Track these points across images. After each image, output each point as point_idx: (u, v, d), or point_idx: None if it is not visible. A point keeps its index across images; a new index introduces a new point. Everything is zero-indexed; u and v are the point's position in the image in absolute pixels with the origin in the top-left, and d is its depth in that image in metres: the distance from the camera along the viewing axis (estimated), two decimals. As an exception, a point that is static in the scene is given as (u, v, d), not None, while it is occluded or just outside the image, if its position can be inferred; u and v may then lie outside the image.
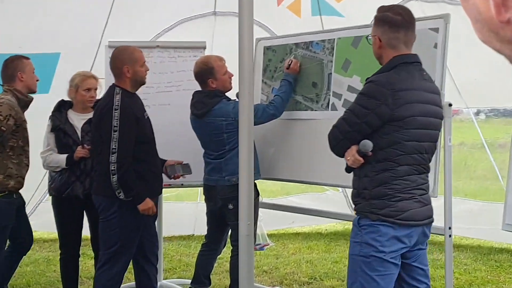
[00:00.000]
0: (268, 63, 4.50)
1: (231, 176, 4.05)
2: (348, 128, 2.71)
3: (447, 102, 3.36)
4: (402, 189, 2.67)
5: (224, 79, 4.10)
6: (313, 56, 4.17)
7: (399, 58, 2.73)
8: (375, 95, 2.64)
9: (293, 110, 4.24)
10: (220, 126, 4.04)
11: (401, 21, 2.72)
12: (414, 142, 2.68)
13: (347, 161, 2.75)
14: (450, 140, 3.36)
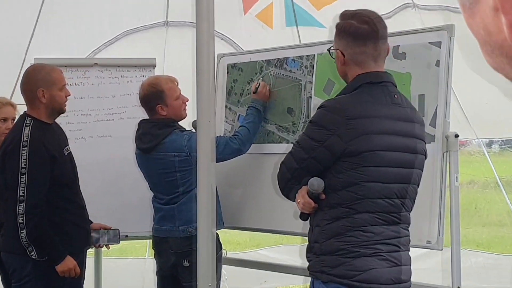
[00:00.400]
0: (233, 85, 4.49)
1: (186, 225, 4.00)
2: (295, 165, 2.67)
3: (453, 133, 3.39)
4: (361, 243, 2.56)
5: (176, 105, 4.08)
6: (289, 76, 4.18)
7: (363, 77, 2.67)
8: (325, 124, 2.60)
9: (264, 142, 4.23)
10: (172, 164, 4.00)
11: (369, 31, 2.65)
12: (377, 183, 2.58)
13: (298, 205, 2.71)
14: (457, 178, 3.37)
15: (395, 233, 2.63)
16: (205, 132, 2.99)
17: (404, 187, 2.66)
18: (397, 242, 2.64)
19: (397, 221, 2.64)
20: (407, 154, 2.66)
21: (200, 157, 2.99)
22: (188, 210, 3.98)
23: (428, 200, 3.44)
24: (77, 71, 4.80)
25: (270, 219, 4.15)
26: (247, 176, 4.31)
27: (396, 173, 2.63)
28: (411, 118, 2.73)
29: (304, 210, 2.68)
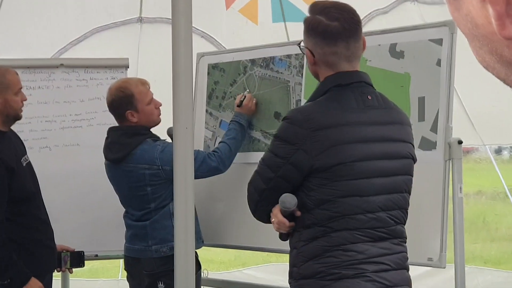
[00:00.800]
0: (214, 87, 4.50)
1: (159, 245, 4.00)
2: (262, 185, 2.66)
3: (456, 139, 3.41)
4: (342, 263, 2.53)
5: (148, 110, 4.08)
6: (276, 76, 4.19)
7: (331, 80, 2.64)
8: (289, 138, 2.58)
9: (248, 150, 4.23)
10: (142, 177, 3.99)
11: (339, 29, 2.60)
12: (353, 197, 2.56)
13: (273, 225, 2.70)
14: (461, 189, 3.39)
15: (384, 250, 2.59)
16: (182, 140, 2.99)
17: (389, 198, 2.62)
18: (387, 260, 2.59)
19: (385, 237, 2.60)
20: (387, 161, 2.62)
21: (177, 168, 2.99)
22: (161, 228, 3.98)
23: (429, 213, 3.45)
24: (41, 73, 4.79)
25: (257, 235, 4.15)
26: (230, 188, 4.31)
27: (377, 184, 2.60)
28: (389, 119, 2.69)
29: (281, 230, 2.67)
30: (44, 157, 4.67)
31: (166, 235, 3.96)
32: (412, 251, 3.43)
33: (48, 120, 4.76)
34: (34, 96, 4.73)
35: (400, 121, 2.73)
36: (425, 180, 3.45)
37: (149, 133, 4.08)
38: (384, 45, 3.71)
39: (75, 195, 4.71)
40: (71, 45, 6.26)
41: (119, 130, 4.12)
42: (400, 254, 2.66)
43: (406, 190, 2.72)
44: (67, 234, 4.67)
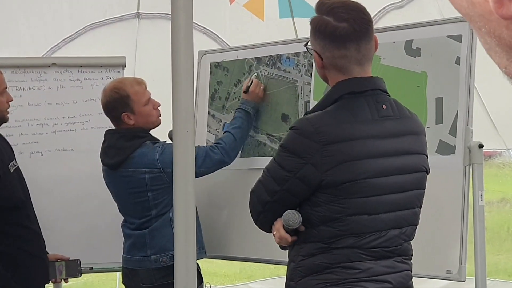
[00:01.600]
0: (217, 87, 4.51)
1: (159, 254, 4.00)
2: (267, 197, 2.66)
3: (477, 142, 3.40)
4: (341, 280, 2.55)
5: (146, 111, 4.09)
6: (283, 76, 4.19)
7: (343, 86, 2.62)
8: (297, 151, 2.57)
9: (253, 155, 4.24)
10: (142, 182, 4.01)
11: (349, 31, 2.58)
12: (362, 216, 2.56)
13: (274, 238, 2.71)
14: (482, 196, 3.39)
15: (387, 268, 2.60)
16: (183, 144, 3.00)
17: (399, 215, 2.63)
18: (390, 279, 2.60)
19: (389, 255, 2.61)
20: (400, 177, 2.62)
21: (177, 173, 3.00)
22: (161, 236, 3.99)
23: (448, 222, 3.45)
24: (32, 72, 4.80)
25: (264, 246, 4.14)
26: (234, 195, 4.31)
27: (388, 201, 2.60)
28: (404, 130, 2.68)
29: (282, 244, 2.69)
30: (35, 163, 4.68)
31: (165, 244, 3.96)
32: (429, 263, 3.43)
33: (40, 123, 4.77)
34: (25, 98, 4.75)
35: (415, 131, 2.72)
36: (443, 187, 3.45)
37: (148, 136, 4.09)
38: (399, 42, 3.71)
39: (69, 203, 4.72)
40: (64, 42, 6.26)
41: (116, 133, 4.13)
42: (403, 272, 2.66)
43: (418, 205, 2.71)
44: (60, 244, 4.67)
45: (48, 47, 6.21)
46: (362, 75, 2.64)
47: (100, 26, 6.32)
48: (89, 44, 6.21)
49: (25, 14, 6.07)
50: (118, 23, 6.35)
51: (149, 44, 6.20)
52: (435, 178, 2.85)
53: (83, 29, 6.30)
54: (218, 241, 4.38)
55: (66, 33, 6.26)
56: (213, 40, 6.25)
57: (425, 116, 3.55)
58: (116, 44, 6.17)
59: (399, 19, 5.55)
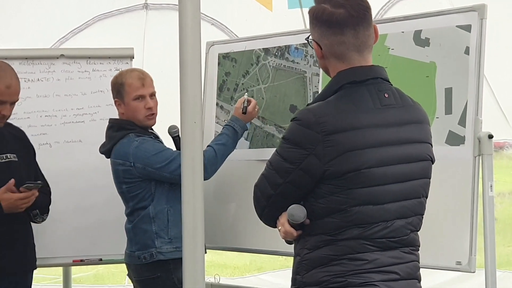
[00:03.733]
0: (225, 78, 4.51)
1: (141, 251, 4.09)
2: (270, 190, 2.65)
3: (486, 133, 3.39)
4: (348, 272, 2.53)
5: (133, 106, 4.12)
6: (291, 67, 4.19)
7: (344, 76, 2.60)
8: (299, 142, 2.54)
9: (262, 146, 4.24)
10: (118, 173, 4.12)
11: (345, 16, 2.56)
12: (367, 206, 2.54)
13: (280, 233, 2.71)
14: (492, 187, 3.38)
15: (394, 259, 2.58)
16: (190, 135, 2.98)
17: (405, 205, 2.60)
18: (397, 270, 2.58)
19: (396, 246, 2.59)
20: (404, 165, 2.59)
21: (185, 166, 2.98)
22: (142, 233, 4.07)
23: (457, 214, 3.44)
24: (40, 64, 4.81)
25: (273, 238, 4.13)
26: (243, 187, 4.31)
27: (393, 190, 2.57)
28: (407, 119, 2.65)
29: (287, 238, 2.68)
30: (44, 155, 4.68)
31: (146, 241, 4.04)
32: (439, 254, 3.43)
33: (48, 115, 4.78)
34: (33, 89, 4.76)
35: (418, 120, 2.69)
36: (452, 178, 3.44)
37: (135, 129, 4.12)
38: (408, 32, 3.70)
39: (78, 195, 4.73)
40: (72, 34, 6.28)
41: (110, 122, 4.23)
42: (411, 263, 2.63)
43: (424, 195, 2.69)
44: (69, 236, 4.69)
45: (56, 39, 6.22)
46: (362, 63, 2.61)
47: (108, 17, 6.33)
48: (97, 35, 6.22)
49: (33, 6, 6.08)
50: (126, 14, 6.36)
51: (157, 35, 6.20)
52: (444, 169, 2.84)
53: (91, 20, 6.31)
54: (228, 233, 4.39)
55: (74, 25, 6.27)
56: (221, 31, 6.25)
57: (434, 106, 3.54)
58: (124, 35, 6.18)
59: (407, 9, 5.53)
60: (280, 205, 2.63)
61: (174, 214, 4.02)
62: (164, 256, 4.01)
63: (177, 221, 3.94)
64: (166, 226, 4.04)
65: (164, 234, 4.04)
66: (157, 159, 3.98)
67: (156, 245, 4.03)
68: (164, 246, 4.02)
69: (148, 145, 4.03)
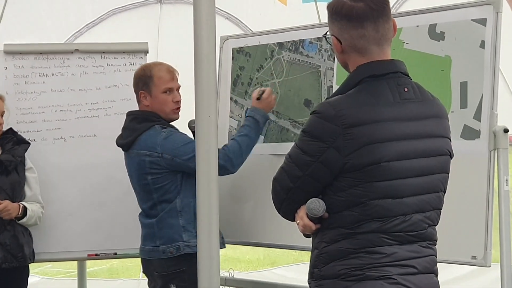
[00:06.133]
0: (239, 73, 4.50)
1: (167, 245, 4.05)
2: (289, 183, 2.64)
3: (502, 127, 3.38)
4: (366, 265, 2.54)
5: (162, 98, 4.10)
6: (306, 61, 4.18)
7: (364, 69, 2.61)
8: (319, 135, 2.55)
9: (277, 141, 4.23)
10: (142, 164, 4.05)
11: (365, 9, 2.58)
12: (386, 200, 2.55)
13: (298, 226, 2.71)
14: (507, 181, 3.37)
15: (412, 253, 2.58)
16: (205, 130, 2.98)
17: (423, 199, 2.60)
18: (415, 264, 2.58)
19: (414, 240, 2.59)
20: (423, 159, 2.59)
21: (199, 160, 2.99)
22: (168, 227, 4.03)
23: (473, 208, 3.43)
24: (55, 59, 4.81)
25: (287, 232, 4.14)
26: (257, 182, 4.32)
27: (412, 184, 2.57)
28: (426, 113, 2.65)
29: (306, 232, 2.68)
30: (59, 149, 4.71)
31: (173, 235, 4.01)
32: (454, 249, 3.41)
33: (63, 110, 4.79)
34: (48, 84, 4.77)
35: (437, 115, 2.69)
36: (468, 172, 3.43)
37: (160, 120, 4.10)
38: (423, 26, 3.69)
39: (92, 189, 4.74)
40: (87, 28, 6.29)
41: (131, 115, 4.18)
42: (428, 257, 2.63)
43: (442, 189, 2.69)
44: (83, 230, 4.71)
45: (71, 33, 6.23)
46: (381, 57, 2.62)
47: (122, 12, 6.34)
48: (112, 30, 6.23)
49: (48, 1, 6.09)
50: (140, 8, 6.36)
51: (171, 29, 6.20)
52: (459, 163, 2.83)
53: (106, 14, 6.32)
54: (242, 227, 4.39)
55: (88, 19, 6.28)
56: (236, 25, 6.25)
57: (449, 100, 3.53)
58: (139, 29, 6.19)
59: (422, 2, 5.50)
60: (299, 198, 2.63)
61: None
62: (192, 250, 3.94)
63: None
64: (193, 220, 3.96)
65: (191, 227, 4.00)
66: (186, 150, 3.94)
67: (183, 238, 4.01)
68: (192, 240, 3.97)
69: (176, 137, 4.01)
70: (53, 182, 4.68)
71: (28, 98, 4.74)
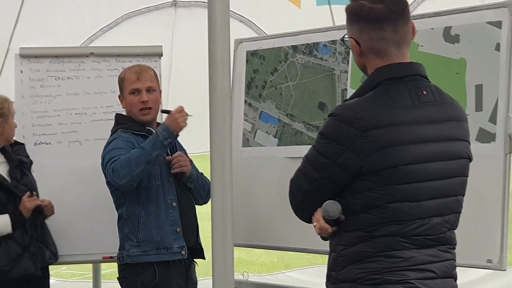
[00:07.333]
0: (253, 76, 4.50)
1: (118, 251, 4.11)
2: (306, 185, 2.63)
3: (517, 129, 3.37)
4: (384, 269, 2.52)
5: (129, 100, 4.08)
6: (320, 64, 4.17)
7: (382, 72, 2.59)
8: (337, 137, 2.53)
9: (291, 144, 4.23)
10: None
11: (385, 11, 2.56)
12: (403, 203, 2.53)
13: (315, 229, 2.70)
14: (523, 185, 3.35)
15: (430, 257, 2.55)
16: (220, 133, 2.98)
17: (442, 202, 2.58)
18: (434, 268, 2.56)
19: (433, 244, 2.57)
20: (442, 163, 2.57)
21: (214, 163, 2.98)
22: (120, 233, 4.12)
23: (488, 211, 3.41)
24: (70, 62, 4.83)
25: (301, 235, 4.14)
26: (271, 184, 4.31)
27: (431, 188, 2.55)
28: (445, 116, 2.63)
29: (322, 234, 2.67)
30: (74, 152, 4.73)
31: (122, 242, 4.09)
32: (469, 252, 3.39)
33: (78, 113, 4.81)
34: (63, 87, 4.79)
35: (456, 117, 2.67)
36: (483, 175, 3.40)
37: (127, 123, 4.07)
38: (438, 28, 3.67)
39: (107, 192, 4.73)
40: (102, 32, 6.30)
41: None
42: (447, 261, 2.61)
43: (461, 193, 2.67)
44: (98, 233, 4.71)
45: (86, 37, 6.24)
46: (400, 59, 2.61)
47: (137, 15, 6.34)
48: (126, 33, 6.23)
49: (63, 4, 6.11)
50: (155, 11, 6.37)
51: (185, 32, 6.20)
52: (475, 166, 2.80)
53: (120, 18, 6.32)
54: (256, 230, 4.38)
55: (103, 23, 6.29)
56: (250, 28, 6.24)
57: (464, 103, 3.50)
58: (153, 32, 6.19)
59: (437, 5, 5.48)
60: (316, 201, 2.61)
61: (145, 217, 4.00)
62: (131, 260, 4.01)
63: (148, 224, 3.97)
64: (136, 229, 4.00)
65: (133, 236, 4.01)
66: (107, 156, 3.97)
67: (126, 247, 4.04)
68: (132, 250, 4.01)
69: (114, 142, 4.01)
70: (68, 185, 4.70)
71: (43, 102, 4.76)
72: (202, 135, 4.09)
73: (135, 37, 6.00)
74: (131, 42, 5.50)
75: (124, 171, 3.84)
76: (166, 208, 3.98)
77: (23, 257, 4.26)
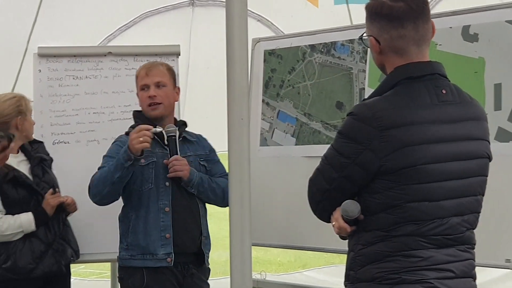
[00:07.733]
0: (271, 75, 4.50)
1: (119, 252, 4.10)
2: (325, 185, 2.63)
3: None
4: (402, 269, 2.52)
5: (140, 97, 4.09)
6: (337, 63, 4.17)
7: (401, 71, 2.59)
8: (356, 136, 2.53)
9: (308, 143, 4.22)
10: None
11: (406, 9, 2.57)
12: (422, 203, 2.52)
13: (333, 228, 2.69)
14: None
15: (449, 257, 2.55)
16: (237, 132, 2.97)
17: (461, 202, 2.57)
18: (453, 268, 2.55)
19: (452, 243, 2.56)
20: (461, 162, 2.56)
21: (232, 162, 2.98)
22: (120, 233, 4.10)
23: (507, 211, 3.40)
24: (88, 61, 4.84)
25: (318, 235, 4.14)
26: (289, 183, 4.31)
27: (449, 187, 2.54)
28: (464, 115, 2.62)
29: (341, 234, 2.67)
30: (92, 151, 4.72)
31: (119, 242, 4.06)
32: (488, 252, 3.38)
33: (96, 112, 4.82)
34: (81, 87, 4.80)
35: (476, 117, 2.66)
36: (502, 175, 3.39)
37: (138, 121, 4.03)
38: (456, 27, 3.66)
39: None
40: (120, 31, 6.32)
41: None
42: (466, 261, 2.60)
43: (480, 193, 2.66)
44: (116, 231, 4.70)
45: (104, 36, 6.26)
46: (420, 58, 2.60)
47: (155, 15, 6.36)
48: (144, 33, 6.25)
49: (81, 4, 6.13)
50: (172, 11, 6.38)
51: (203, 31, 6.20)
52: (493, 165, 2.78)
53: (138, 17, 6.34)
54: (273, 230, 4.38)
55: (121, 22, 6.31)
56: (267, 27, 6.24)
57: (483, 102, 3.49)
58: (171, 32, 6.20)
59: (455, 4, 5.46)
60: (334, 200, 2.61)
61: (135, 220, 3.98)
62: (122, 263, 4.02)
63: (136, 228, 3.95)
64: (126, 232, 4.00)
65: (123, 239, 4.01)
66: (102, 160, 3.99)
67: (117, 249, 4.06)
68: (122, 252, 4.02)
69: (111, 147, 4.06)
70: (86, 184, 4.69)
71: (62, 101, 4.78)
72: (220, 135, 4.10)
73: (152, 37, 6.01)
74: (149, 42, 5.51)
75: (94, 191, 3.92)
76: (157, 213, 3.93)
77: (47, 254, 4.28)
